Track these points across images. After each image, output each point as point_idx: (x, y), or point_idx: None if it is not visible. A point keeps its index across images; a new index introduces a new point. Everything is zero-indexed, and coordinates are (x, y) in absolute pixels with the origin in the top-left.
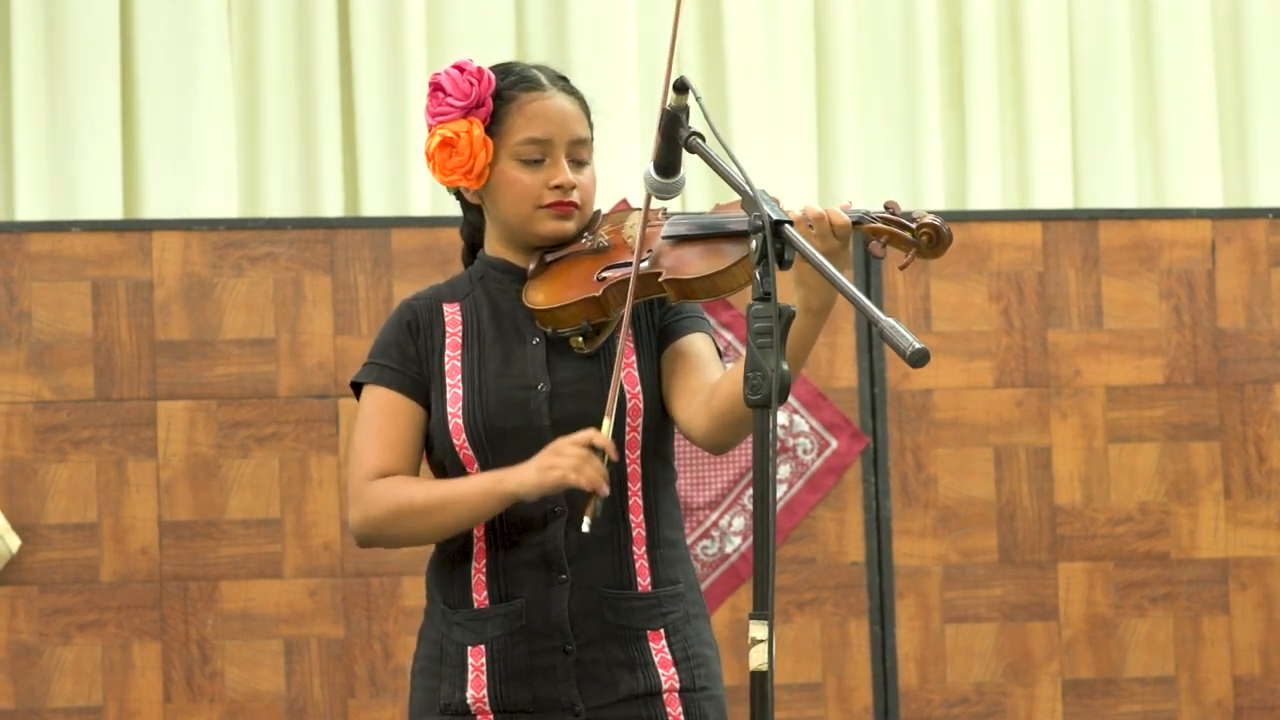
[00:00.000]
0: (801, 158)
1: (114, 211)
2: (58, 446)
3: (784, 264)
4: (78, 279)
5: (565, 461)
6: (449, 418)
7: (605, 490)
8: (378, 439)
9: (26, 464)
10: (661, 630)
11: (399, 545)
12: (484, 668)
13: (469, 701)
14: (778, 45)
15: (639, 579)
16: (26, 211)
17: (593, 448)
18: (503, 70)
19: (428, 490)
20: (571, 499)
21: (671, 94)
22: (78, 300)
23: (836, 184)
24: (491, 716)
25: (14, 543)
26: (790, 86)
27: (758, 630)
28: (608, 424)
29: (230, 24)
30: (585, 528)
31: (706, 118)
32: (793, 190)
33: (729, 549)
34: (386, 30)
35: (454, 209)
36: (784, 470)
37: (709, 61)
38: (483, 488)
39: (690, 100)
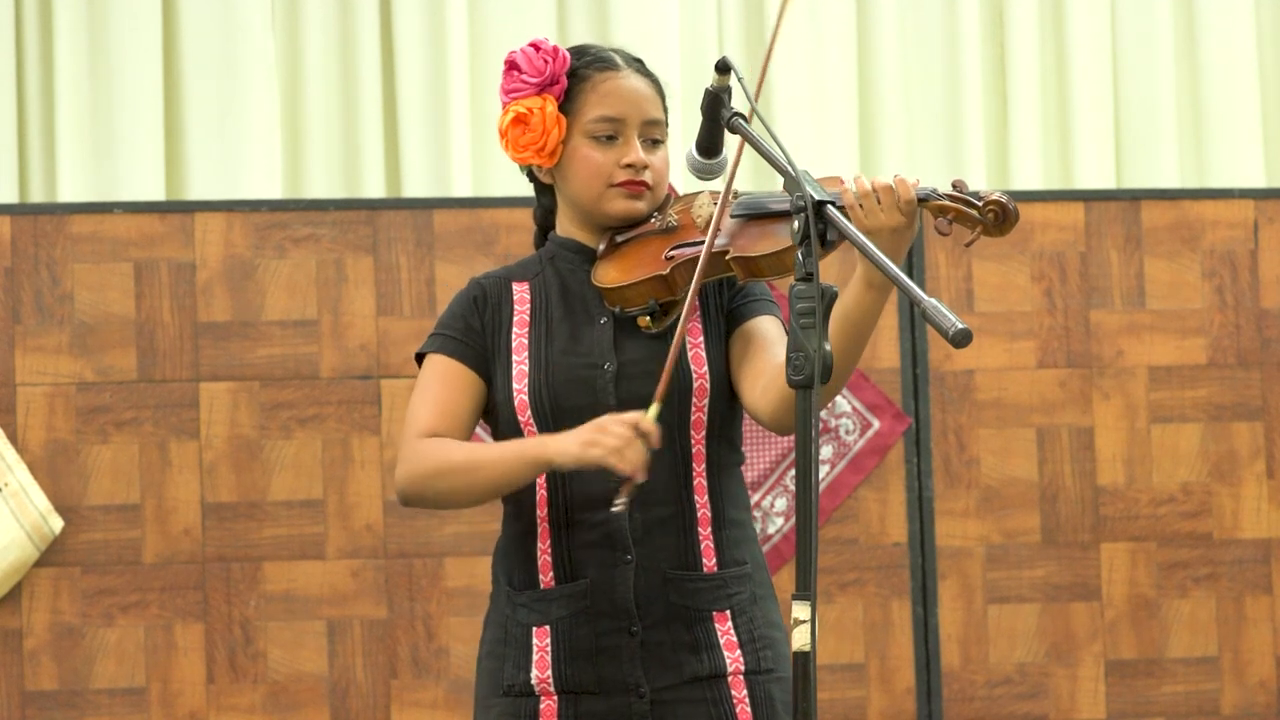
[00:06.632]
0: (843, 138)
1: (156, 193)
2: (100, 428)
3: (826, 244)
4: (120, 260)
5: (609, 441)
6: (514, 394)
7: (642, 477)
8: (432, 402)
9: (69, 445)
10: (727, 611)
11: (440, 505)
12: (549, 648)
13: (533, 682)
14: (820, 26)
15: (704, 560)
16: (69, 193)
17: (639, 432)
18: (578, 50)
19: (468, 451)
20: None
21: (713, 74)
22: (120, 281)
23: (878, 164)
24: (555, 697)
25: (56, 524)
26: (832, 67)
27: (800, 611)
28: (655, 408)
29: (273, 5)
30: (615, 508)
31: (749, 98)
32: (834, 171)
33: (771, 530)
34: (428, 11)
35: (496, 189)
36: (826, 451)
37: (751, 42)
38: (519, 451)
39: (732, 81)
